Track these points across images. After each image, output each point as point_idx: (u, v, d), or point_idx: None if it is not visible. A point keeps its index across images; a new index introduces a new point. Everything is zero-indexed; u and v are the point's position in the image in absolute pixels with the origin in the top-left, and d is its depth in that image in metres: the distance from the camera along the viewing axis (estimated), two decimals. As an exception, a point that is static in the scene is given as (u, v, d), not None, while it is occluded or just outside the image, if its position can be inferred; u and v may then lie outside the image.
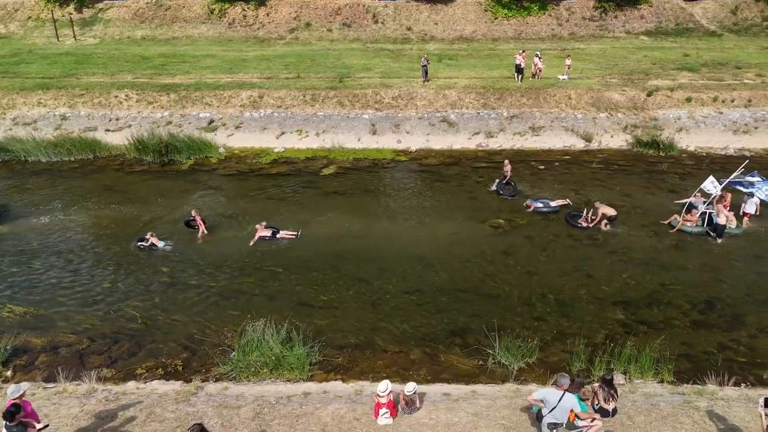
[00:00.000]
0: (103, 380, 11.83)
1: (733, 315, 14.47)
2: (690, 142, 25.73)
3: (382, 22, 44.28)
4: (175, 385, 11.11)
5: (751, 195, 18.40)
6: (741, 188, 18.81)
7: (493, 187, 21.46)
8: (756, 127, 26.21)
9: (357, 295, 15.36)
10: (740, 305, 14.80)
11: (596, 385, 9.79)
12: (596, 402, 9.48)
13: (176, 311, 14.52)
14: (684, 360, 12.94)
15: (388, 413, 9.26)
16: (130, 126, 26.38)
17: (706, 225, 18.19)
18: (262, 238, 17.66)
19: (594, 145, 25.83)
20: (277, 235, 17.77)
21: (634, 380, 12.01)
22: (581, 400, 8.79)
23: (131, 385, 11.38)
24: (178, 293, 15.34)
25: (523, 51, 30.12)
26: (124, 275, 16.35)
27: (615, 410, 9.56)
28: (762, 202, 18.49)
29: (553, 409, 8.17)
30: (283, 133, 26.34)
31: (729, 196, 18.91)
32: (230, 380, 11.78)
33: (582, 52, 37.00)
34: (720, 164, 23.92)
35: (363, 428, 9.31)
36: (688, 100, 27.34)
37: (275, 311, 14.39)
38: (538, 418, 8.62)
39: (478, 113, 27.30)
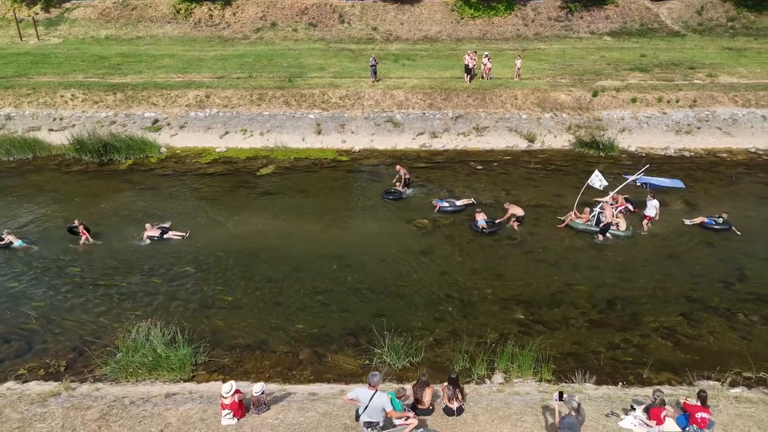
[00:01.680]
0: (-18, 380, 11.85)
1: (631, 315, 14.56)
2: (632, 142, 25.85)
3: (348, 22, 44.30)
4: (46, 386, 11.13)
5: (653, 196, 18.59)
6: (639, 183, 19.25)
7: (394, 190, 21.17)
8: (698, 128, 26.33)
9: (263, 295, 15.39)
10: (640, 305, 14.89)
11: (444, 384, 9.85)
12: (443, 401, 9.55)
13: (75, 311, 14.53)
14: (571, 359, 13.03)
15: (231, 414, 9.30)
16: (74, 126, 26.34)
17: (595, 224, 18.33)
18: (150, 237, 17.75)
19: (537, 146, 25.92)
20: (165, 236, 17.84)
21: (513, 379, 12.11)
22: (397, 398, 8.83)
23: (7, 385, 11.39)
24: (81, 293, 15.33)
25: (474, 51, 30.19)
26: (27, 275, 16.32)
27: (460, 409, 9.63)
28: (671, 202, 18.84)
29: (366, 407, 8.23)
30: (227, 133, 26.35)
31: (621, 197, 19.22)
32: (110, 381, 11.82)
33: (542, 53, 37.12)
34: (657, 164, 24.06)
35: (205, 429, 9.36)
36: (633, 100, 27.45)
37: (174, 312, 14.46)
38: (356, 417, 8.68)
39: (424, 114, 27.36)
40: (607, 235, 18.00)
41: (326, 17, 45.31)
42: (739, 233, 18.04)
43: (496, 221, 18.55)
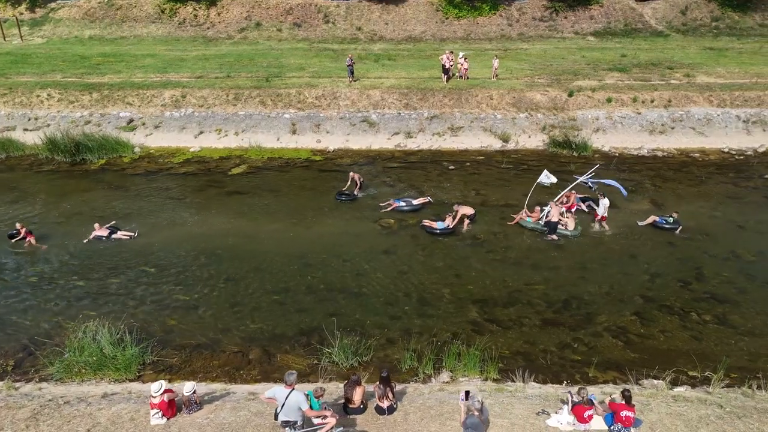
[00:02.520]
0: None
1: (586, 314, 14.61)
2: (606, 142, 25.89)
3: (332, 22, 44.32)
4: (-13, 385, 11.17)
5: (603, 196, 18.67)
6: (591, 183, 19.37)
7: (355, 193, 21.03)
8: (672, 128, 26.38)
9: (220, 294, 15.41)
10: (596, 305, 14.94)
11: (376, 383, 9.88)
12: (375, 400, 9.58)
13: (30, 311, 14.53)
14: (520, 358, 13.08)
15: (160, 413, 9.32)
16: (48, 125, 26.34)
17: (544, 223, 18.42)
18: (98, 237, 17.79)
19: (511, 146, 25.96)
20: (113, 236, 17.89)
21: (459, 378, 12.15)
22: (315, 397, 8.86)
23: (-51, 385, 11.42)
24: (38, 293, 15.33)
25: (451, 51, 30.23)
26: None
27: (392, 408, 9.66)
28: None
29: (282, 406, 8.26)
30: (201, 133, 26.35)
31: (573, 196, 19.33)
32: (55, 381, 11.83)
33: (523, 53, 37.17)
34: (629, 164, 24.15)
35: (133, 428, 9.39)
36: (609, 100, 27.49)
37: (129, 311, 14.48)
38: (275, 417, 8.71)
39: (400, 114, 27.39)
40: (555, 234, 18.09)
41: (311, 17, 45.34)
42: (679, 232, 18.13)
43: (449, 226, 18.37)
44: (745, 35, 41.47)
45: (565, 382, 12.06)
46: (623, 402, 9.03)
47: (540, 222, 18.46)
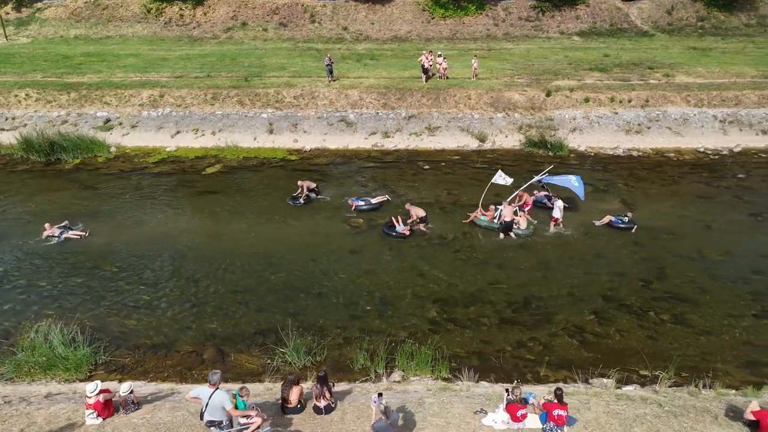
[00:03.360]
0: None
1: (545, 313, 14.62)
2: (582, 141, 25.91)
3: (318, 22, 44.31)
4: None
5: (557, 198, 18.74)
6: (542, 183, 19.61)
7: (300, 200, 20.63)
8: (649, 127, 26.41)
9: (182, 294, 15.41)
10: (556, 304, 14.95)
11: (313, 383, 9.89)
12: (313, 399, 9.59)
13: (-11, 311, 14.57)
14: (475, 357, 13.10)
15: (95, 413, 9.31)
16: (25, 125, 26.31)
17: (497, 222, 18.54)
18: (49, 237, 17.80)
19: (487, 145, 25.97)
20: (64, 235, 17.87)
21: (410, 377, 12.16)
22: (240, 397, 8.85)
23: None
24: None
25: (430, 51, 30.24)
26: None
27: (329, 407, 9.66)
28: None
29: (206, 406, 8.26)
30: (178, 132, 26.34)
31: (526, 196, 19.43)
32: (5, 381, 11.82)
33: (507, 53, 37.19)
34: (604, 164, 24.17)
35: (68, 428, 9.39)
36: (587, 100, 27.51)
37: (87, 311, 14.49)
38: (201, 416, 8.72)
39: (377, 113, 27.39)
40: (510, 233, 18.21)
41: (297, 17, 45.31)
42: (634, 231, 18.20)
43: (403, 229, 18.17)
44: (731, 35, 41.52)
45: (515, 381, 12.06)
46: (555, 401, 9.03)
47: (494, 221, 18.58)
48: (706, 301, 14.90)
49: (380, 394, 8.46)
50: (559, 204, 18.33)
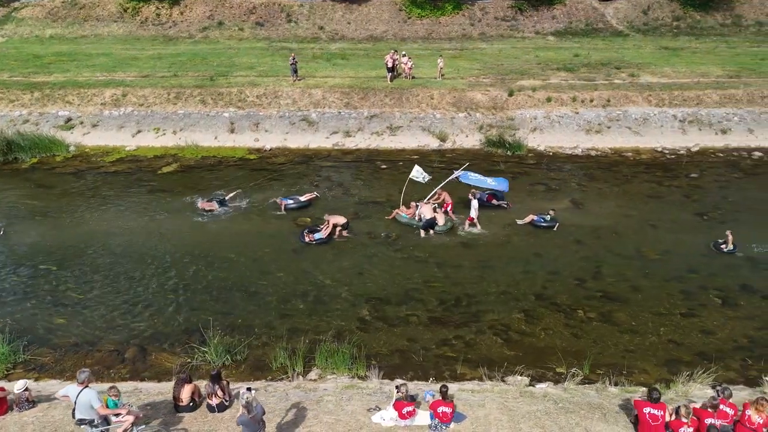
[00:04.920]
0: None
1: (475, 312, 14.67)
2: (542, 141, 25.95)
3: (295, 22, 44.32)
4: None
5: (473, 197, 18.83)
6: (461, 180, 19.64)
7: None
8: (609, 127, 26.46)
9: (116, 293, 15.42)
10: (487, 302, 15.01)
11: (206, 382, 9.93)
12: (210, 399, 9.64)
13: None
14: (397, 355, 13.17)
15: (-14, 410, 9.38)
16: (-15, 125, 26.40)
17: (418, 219, 18.77)
18: None
19: (448, 145, 26.02)
20: None
21: (327, 375, 12.20)
22: (110, 396, 8.86)
23: None
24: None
25: (395, 51, 30.29)
26: None
27: (222, 406, 9.69)
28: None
29: (75, 404, 8.30)
30: (139, 132, 26.33)
31: (445, 194, 19.56)
32: None
33: (479, 52, 37.23)
34: (560, 163, 24.24)
35: (-42, 425, 9.46)
36: (548, 100, 27.56)
37: (16, 309, 14.50)
38: (72, 415, 8.75)
39: (340, 113, 27.42)
40: (431, 229, 18.42)
41: (274, 16, 45.31)
42: (556, 229, 18.40)
43: (323, 236, 17.87)
44: (705, 35, 41.61)
45: (431, 379, 12.15)
46: (440, 398, 9.08)
47: (415, 218, 18.81)
48: (637, 300, 14.99)
49: (249, 389, 8.51)
50: (475, 204, 18.52)
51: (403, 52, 30.66)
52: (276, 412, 9.73)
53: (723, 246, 16.96)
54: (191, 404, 9.71)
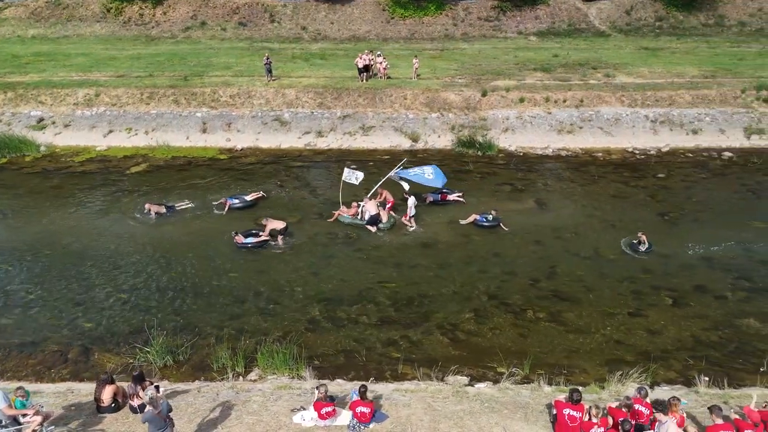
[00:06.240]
0: None
1: (426, 312, 14.66)
2: (513, 141, 25.96)
3: (278, 22, 44.34)
4: None
5: (409, 195, 18.96)
6: (404, 178, 19.72)
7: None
8: (581, 127, 26.48)
9: (69, 293, 15.39)
10: (439, 302, 14.99)
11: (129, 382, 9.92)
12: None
13: None
14: (341, 355, 13.17)
15: None
16: (-43, 125, 26.37)
17: (361, 218, 18.96)
18: None
19: (420, 145, 26.03)
20: None
21: (267, 376, 12.19)
22: (18, 397, 8.86)
23: None
24: None
25: (370, 51, 30.30)
26: None
27: (143, 406, 9.65)
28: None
29: None
30: (111, 132, 26.32)
31: (386, 192, 19.74)
32: None
33: (459, 53, 37.26)
34: (529, 163, 24.25)
35: None
36: (521, 100, 27.56)
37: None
38: None
39: (313, 113, 27.42)
40: (375, 226, 18.60)
41: (257, 17, 45.31)
42: (506, 229, 18.41)
43: (251, 240, 17.67)
44: (687, 35, 41.68)
45: (371, 379, 12.14)
46: (359, 398, 9.08)
47: (357, 217, 18.95)
48: (588, 300, 15.00)
49: (156, 387, 8.51)
50: (411, 201, 18.65)
51: (378, 52, 30.66)
52: (199, 413, 9.73)
53: (639, 246, 17.10)
54: (113, 405, 9.70)
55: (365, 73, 29.22)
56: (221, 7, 45.53)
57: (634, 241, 17.23)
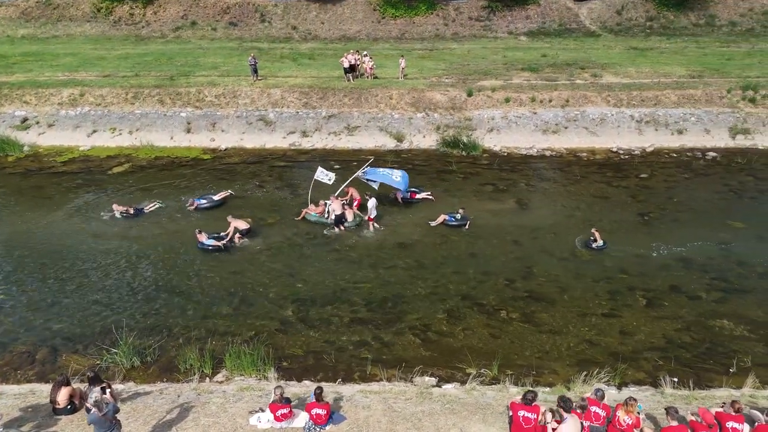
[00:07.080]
0: None
1: (399, 312, 14.59)
2: (498, 141, 25.90)
3: (269, 21, 44.28)
4: None
5: (370, 197, 18.92)
6: (370, 179, 20.01)
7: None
8: (566, 127, 26.43)
9: (42, 293, 15.32)
10: (413, 303, 14.92)
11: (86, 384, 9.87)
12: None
13: None
14: (311, 356, 13.09)
15: None
16: (-60, 125, 26.29)
17: (327, 216, 19.00)
18: None
19: (405, 145, 25.96)
20: None
21: (234, 377, 12.12)
22: None
23: None
24: None
25: (357, 51, 30.24)
26: None
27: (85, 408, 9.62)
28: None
29: None
30: (95, 131, 26.25)
31: (352, 191, 19.82)
32: None
33: (448, 53, 37.21)
34: (513, 164, 24.18)
35: None
36: (507, 100, 27.50)
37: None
38: None
39: (298, 112, 27.36)
40: (342, 226, 18.61)
41: (248, 16, 45.26)
42: (467, 228, 18.41)
43: (212, 241, 17.48)
44: (677, 35, 41.64)
45: (338, 380, 12.08)
46: (315, 400, 9.02)
47: (325, 216, 18.98)
48: (562, 300, 14.93)
49: (103, 389, 8.45)
50: (372, 202, 18.63)
51: (365, 52, 30.60)
52: (156, 415, 9.66)
53: (593, 244, 17.12)
54: (69, 407, 9.63)
55: (351, 74, 29.18)
56: (212, 6, 45.46)
57: (591, 239, 17.23)
